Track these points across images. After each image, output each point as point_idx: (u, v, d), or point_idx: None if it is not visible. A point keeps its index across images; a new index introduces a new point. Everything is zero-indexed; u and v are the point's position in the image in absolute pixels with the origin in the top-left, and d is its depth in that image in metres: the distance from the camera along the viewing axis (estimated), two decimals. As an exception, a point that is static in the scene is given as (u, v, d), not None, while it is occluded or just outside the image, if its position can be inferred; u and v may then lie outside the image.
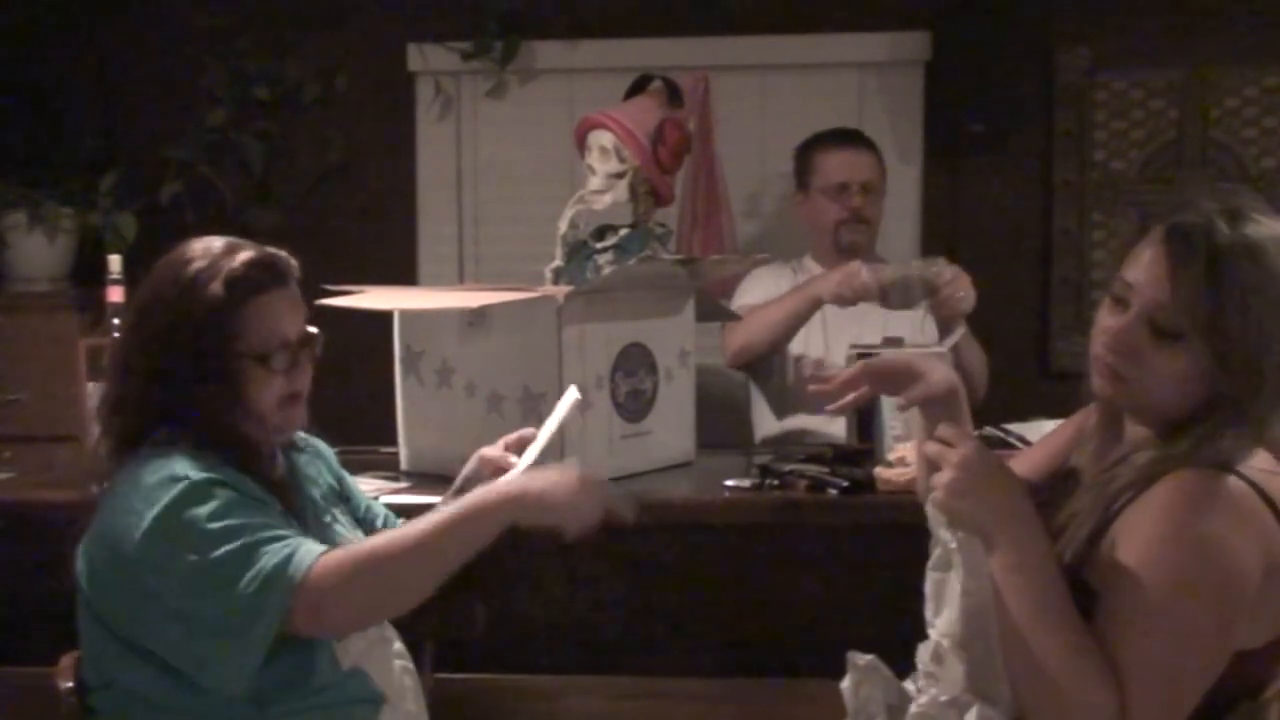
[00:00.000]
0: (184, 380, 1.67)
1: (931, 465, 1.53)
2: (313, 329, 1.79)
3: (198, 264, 1.69)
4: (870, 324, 3.00)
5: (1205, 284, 1.44)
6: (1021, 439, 2.56)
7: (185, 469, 1.61)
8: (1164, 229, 1.50)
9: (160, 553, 1.57)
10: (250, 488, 1.65)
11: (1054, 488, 1.65)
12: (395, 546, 1.59)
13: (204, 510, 1.57)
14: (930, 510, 1.56)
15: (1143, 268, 1.50)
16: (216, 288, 1.67)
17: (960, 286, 2.77)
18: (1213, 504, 1.42)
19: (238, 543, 1.56)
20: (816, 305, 2.90)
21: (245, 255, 1.71)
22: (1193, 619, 1.40)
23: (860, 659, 1.63)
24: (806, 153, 3.23)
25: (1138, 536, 1.45)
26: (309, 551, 1.57)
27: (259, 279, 1.70)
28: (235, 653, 1.56)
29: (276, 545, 1.57)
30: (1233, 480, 1.43)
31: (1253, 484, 1.44)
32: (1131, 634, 1.41)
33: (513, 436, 1.99)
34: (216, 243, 1.73)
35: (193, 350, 1.67)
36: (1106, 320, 1.53)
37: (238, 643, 1.55)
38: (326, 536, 1.80)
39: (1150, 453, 1.51)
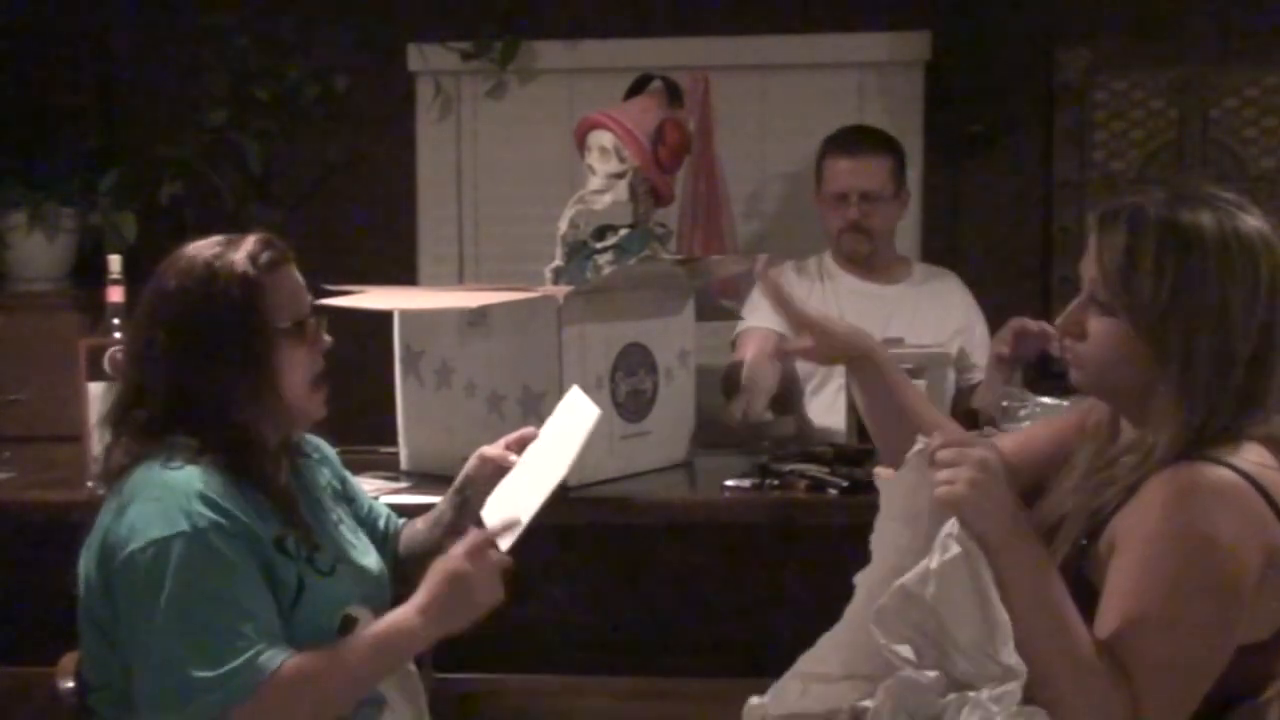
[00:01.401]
0: (212, 367, 1.67)
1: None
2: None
3: (211, 252, 1.72)
4: (871, 324, 3.00)
5: (1123, 257, 1.49)
6: (1021, 439, 2.56)
7: (194, 502, 1.59)
8: (1099, 211, 1.56)
9: (139, 580, 1.57)
10: (252, 519, 1.64)
11: (1046, 485, 1.66)
12: (339, 677, 1.62)
13: (196, 563, 1.56)
14: (896, 500, 1.55)
15: (1086, 251, 1.56)
16: (244, 265, 1.69)
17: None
18: (1205, 497, 1.43)
19: (214, 612, 1.55)
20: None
21: (253, 237, 1.75)
22: (1198, 614, 1.41)
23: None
24: (821, 153, 3.17)
25: (1135, 536, 1.45)
26: (272, 656, 1.56)
27: (275, 254, 1.74)
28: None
29: (240, 643, 1.55)
30: (1223, 472, 1.44)
31: (1246, 475, 1.44)
32: (1139, 636, 1.41)
33: (513, 436, 2.00)
34: (214, 239, 1.75)
35: (226, 331, 1.67)
36: None
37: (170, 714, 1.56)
38: (333, 537, 1.81)
39: (1135, 455, 1.52)
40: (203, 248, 1.73)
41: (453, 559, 1.70)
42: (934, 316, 3.08)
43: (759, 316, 3.07)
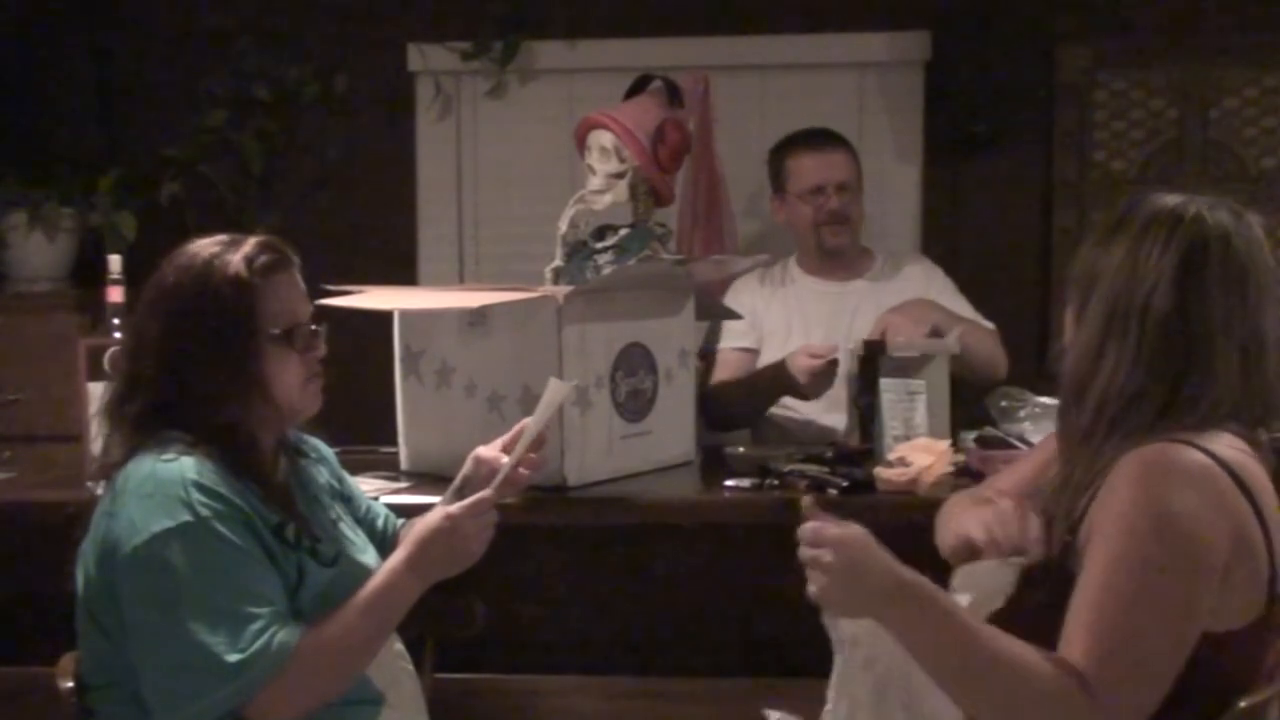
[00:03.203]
0: (202, 365, 1.67)
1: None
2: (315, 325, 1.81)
3: (211, 251, 1.73)
4: (835, 324, 3.01)
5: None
6: (1021, 438, 2.56)
7: (192, 492, 1.59)
8: None
9: (146, 575, 1.58)
10: (250, 506, 1.65)
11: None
12: (350, 641, 1.66)
13: (205, 550, 1.58)
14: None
15: None
16: (239, 268, 1.70)
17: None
18: (1170, 476, 1.43)
19: (232, 596, 1.57)
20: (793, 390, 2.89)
21: (254, 240, 1.75)
22: (1158, 591, 1.40)
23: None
24: (779, 157, 3.19)
25: (1104, 518, 1.46)
26: (291, 632, 1.59)
27: (274, 259, 1.74)
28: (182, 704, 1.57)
29: (259, 625, 1.57)
30: (1192, 453, 1.45)
31: (1216, 458, 1.45)
32: (1103, 617, 1.41)
33: (508, 436, 1.99)
34: (218, 237, 1.76)
35: (215, 331, 1.68)
36: None
37: (189, 702, 1.56)
38: (333, 535, 1.81)
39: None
40: (205, 245, 1.74)
41: (444, 517, 1.72)
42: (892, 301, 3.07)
43: (731, 338, 3.11)
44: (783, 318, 3.10)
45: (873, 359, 2.59)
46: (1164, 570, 1.40)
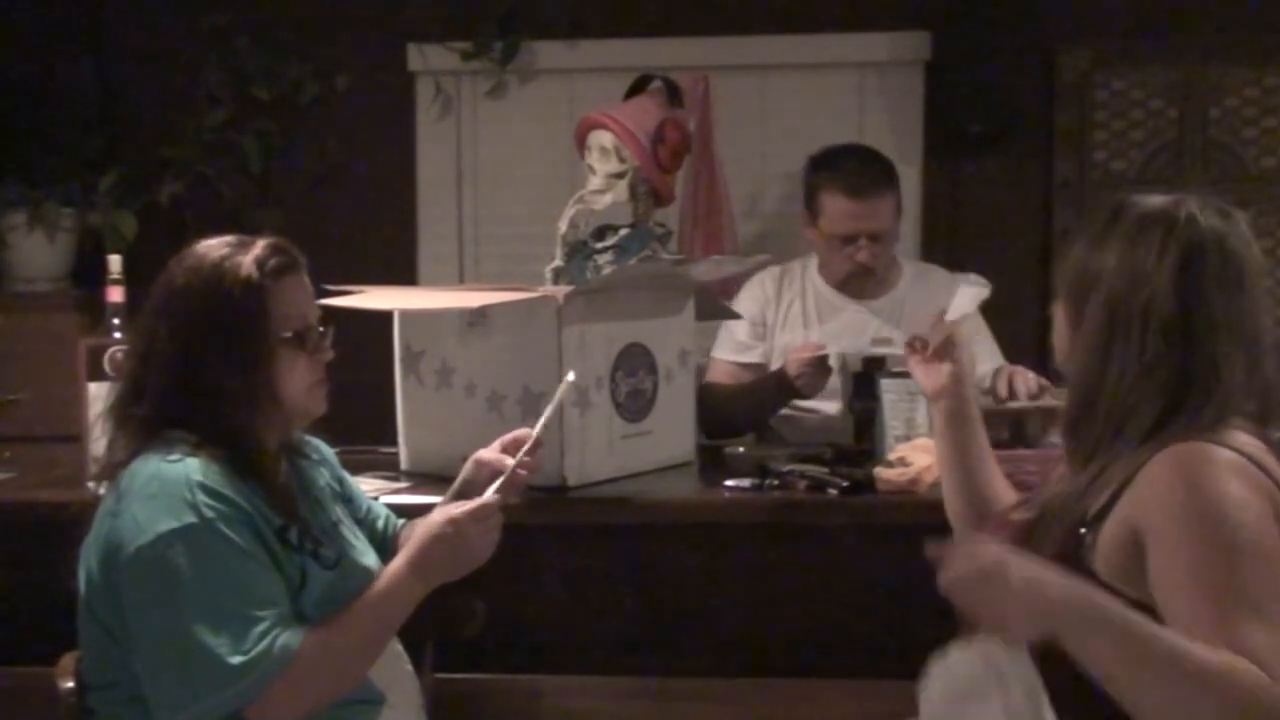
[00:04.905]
0: (213, 368, 1.67)
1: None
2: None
3: (220, 253, 1.72)
4: (860, 338, 2.99)
5: None
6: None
7: (196, 493, 1.59)
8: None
9: (150, 576, 1.57)
10: (257, 507, 1.65)
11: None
12: (353, 645, 1.66)
13: (210, 552, 1.57)
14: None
15: None
16: (250, 270, 1.69)
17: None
18: (1219, 469, 1.43)
19: (236, 598, 1.57)
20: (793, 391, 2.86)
21: (264, 242, 1.74)
22: (1263, 575, 1.37)
23: None
24: (816, 186, 2.98)
25: (1166, 525, 1.42)
26: (294, 635, 1.58)
27: (283, 261, 1.73)
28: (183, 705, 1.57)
29: (262, 627, 1.57)
30: (1223, 449, 1.45)
31: (1242, 453, 1.45)
32: (1236, 621, 1.34)
33: (509, 437, 1.98)
34: (226, 238, 1.75)
35: (225, 334, 1.67)
36: None
37: (193, 701, 1.56)
38: (333, 536, 1.81)
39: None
40: (213, 247, 1.73)
41: (447, 521, 1.71)
42: (921, 317, 3.02)
43: (723, 350, 3.09)
44: (800, 331, 3.02)
45: (870, 370, 2.60)
46: (1258, 553, 1.37)
